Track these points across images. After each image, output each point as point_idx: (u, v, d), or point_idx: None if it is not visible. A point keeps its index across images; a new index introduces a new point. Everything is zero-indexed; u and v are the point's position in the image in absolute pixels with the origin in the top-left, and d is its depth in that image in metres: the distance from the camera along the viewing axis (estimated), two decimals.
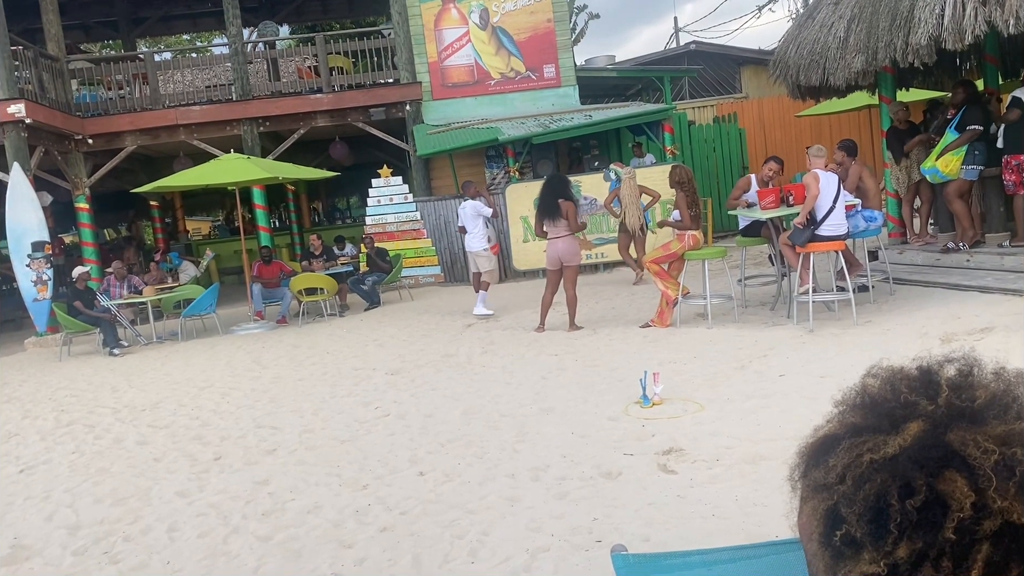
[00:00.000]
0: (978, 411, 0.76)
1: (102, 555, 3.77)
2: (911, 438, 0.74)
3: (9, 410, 7.46)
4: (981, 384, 0.80)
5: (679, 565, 1.21)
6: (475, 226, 9.74)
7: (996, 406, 0.76)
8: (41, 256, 11.75)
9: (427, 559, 3.33)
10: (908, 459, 0.72)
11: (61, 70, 13.82)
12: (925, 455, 0.72)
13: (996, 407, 0.76)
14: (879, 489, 0.72)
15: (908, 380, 0.82)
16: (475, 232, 9.75)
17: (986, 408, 0.76)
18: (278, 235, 18.59)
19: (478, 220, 9.75)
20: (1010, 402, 0.77)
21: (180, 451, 5.38)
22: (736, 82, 20.56)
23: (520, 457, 4.44)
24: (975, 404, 0.76)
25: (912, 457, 0.72)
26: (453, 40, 15.11)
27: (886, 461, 0.73)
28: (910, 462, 0.72)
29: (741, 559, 1.17)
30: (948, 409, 0.76)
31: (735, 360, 6.06)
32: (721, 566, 1.18)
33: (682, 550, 1.24)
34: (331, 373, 7.45)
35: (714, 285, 8.22)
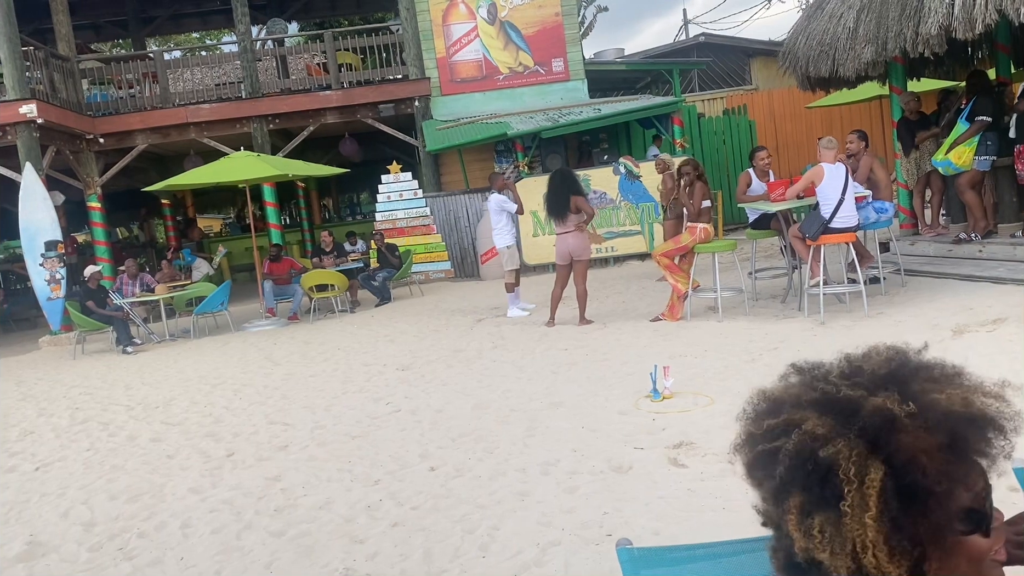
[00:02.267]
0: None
1: (117, 551, 3.81)
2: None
3: (25, 408, 7.53)
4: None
5: (684, 558, 1.22)
6: (498, 221, 9.26)
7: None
8: (54, 255, 11.83)
9: (438, 554, 3.35)
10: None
11: (72, 70, 13.90)
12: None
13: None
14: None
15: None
16: (499, 227, 9.28)
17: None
18: (289, 232, 18.67)
19: (502, 215, 9.26)
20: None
21: (193, 448, 5.42)
22: (746, 74, 20.47)
23: (530, 452, 4.45)
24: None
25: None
26: (461, 35, 15.11)
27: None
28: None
29: (746, 552, 1.18)
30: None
31: (746, 353, 6.04)
32: (726, 559, 1.18)
33: (687, 544, 1.24)
34: (342, 369, 7.48)
35: (725, 278, 8.20)
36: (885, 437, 0.87)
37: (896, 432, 0.87)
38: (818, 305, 6.83)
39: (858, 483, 0.85)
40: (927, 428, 0.87)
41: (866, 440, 0.87)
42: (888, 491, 0.85)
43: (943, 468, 0.86)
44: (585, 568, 3.04)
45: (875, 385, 0.93)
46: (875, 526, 0.84)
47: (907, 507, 0.85)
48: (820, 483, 0.87)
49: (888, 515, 0.84)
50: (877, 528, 0.84)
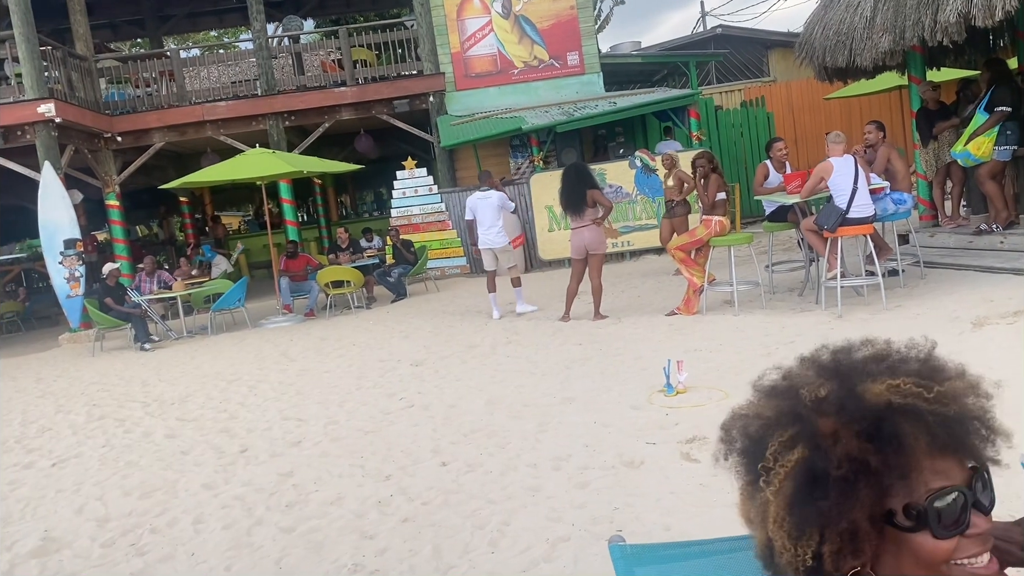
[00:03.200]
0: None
1: (129, 547, 3.82)
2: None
3: (43, 405, 7.60)
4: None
5: (677, 555, 1.19)
6: (497, 219, 9.12)
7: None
8: (73, 253, 11.94)
9: (447, 549, 3.33)
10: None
11: (90, 69, 14.00)
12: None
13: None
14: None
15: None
16: (498, 226, 9.12)
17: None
18: (306, 229, 18.74)
19: (500, 213, 9.15)
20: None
21: (207, 444, 5.44)
22: (764, 65, 20.29)
23: (542, 447, 4.43)
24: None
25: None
26: (476, 30, 15.07)
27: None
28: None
29: (740, 550, 1.14)
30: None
31: (762, 347, 5.98)
32: (719, 556, 1.15)
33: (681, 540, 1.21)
34: (357, 365, 7.49)
35: (741, 272, 8.14)
36: (810, 421, 0.91)
37: (817, 416, 0.92)
38: (836, 298, 6.75)
39: (774, 461, 0.91)
40: (843, 413, 0.91)
41: (798, 424, 0.92)
42: (798, 472, 0.89)
43: (854, 455, 0.88)
44: (595, 564, 3.02)
45: (818, 375, 0.98)
46: (775, 502, 0.89)
47: (808, 488, 0.88)
48: (754, 462, 0.94)
49: (789, 493, 0.89)
50: (777, 504, 0.89)
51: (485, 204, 9.15)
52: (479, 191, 9.33)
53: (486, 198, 9.17)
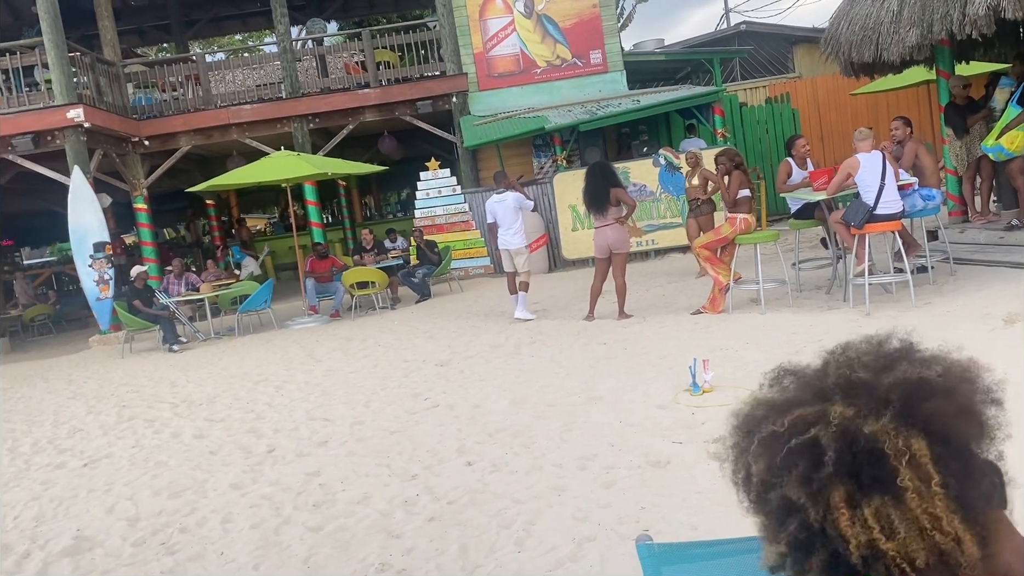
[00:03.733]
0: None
1: (159, 546, 3.87)
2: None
3: (74, 406, 7.70)
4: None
5: (705, 555, 1.18)
6: (515, 220, 9.00)
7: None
8: (103, 256, 12.09)
9: (473, 549, 3.34)
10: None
11: (117, 74, 14.18)
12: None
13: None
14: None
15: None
16: (515, 227, 9.00)
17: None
18: (331, 230, 18.85)
19: (519, 214, 9.05)
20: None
21: (235, 444, 5.49)
22: (789, 62, 20.12)
23: (567, 446, 4.42)
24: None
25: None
26: (498, 30, 15.08)
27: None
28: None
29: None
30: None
31: (790, 345, 5.93)
32: (747, 556, 1.14)
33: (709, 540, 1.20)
34: (382, 365, 7.52)
35: (767, 269, 8.07)
36: (917, 406, 0.83)
37: (928, 398, 0.83)
38: (864, 295, 6.68)
39: (908, 456, 0.80)
40: (953, 389, 0.84)
41: (899, 414, 0.83)
42: (943, 459, 0.80)
43: (974, 429, 0.83)
44: (621, 563, 3.00)
45: (886, 361, 0.89)
46: (943, 495, 0.79)
47: (963, 471, 0.81)
48: (868, 466, 0.81)
49: (951, 483, 0.80)
50: (945, 498, 0.79)
51: (502, 207, 9.07)
52: (496, 193, 9.29)
53: (502, 200, 9.09)
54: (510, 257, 9.08)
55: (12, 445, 6.41)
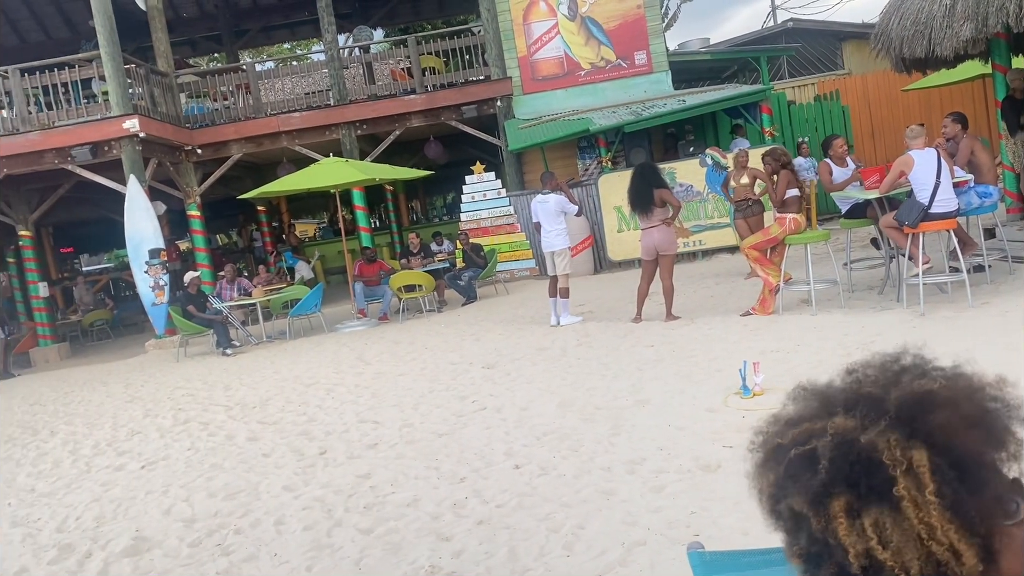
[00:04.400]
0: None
1: (215, 547, 3.95)
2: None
3: (132, 409, 7.91)
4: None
5: (759, 562, 1.16)
6: (558, 222, 8.93)
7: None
8: (158, 263, 12.38)
9: (523, 552, 3.35)
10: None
11: (170, 85, 14.51)
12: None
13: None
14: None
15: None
16: (558, 229, 8.92)
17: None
18: (378, 234, 19.03)
19: (561, 216, 8.96)
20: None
21: (287, 446, 5.58)
22: (838, 58, 19.78)
23: (616, 450, 4.40)
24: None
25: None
26: (542, 33, 15.09)
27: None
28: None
29: None
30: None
31: (841, 347, 5.83)
32: None
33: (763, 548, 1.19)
34: (430, 368, 7.58)
35: (818, 270, 7.95)
36: (920, 418, 0.84)
37: (931, 410, 0.84)
38: (918, 296, 6.54)
39: (906, 465, 0.81)
40: (959, 402, 0.84)
41: (901, 426, 0.84)
42: (941, 469, 0.81)
43: (984, 442, 0.82)
44: (671, 568, 2.99)
45: (893, 376, 0.90)
46: (937, 504, 0.80)
47: (962, 482, 0.80)
48: (865, 475, 0.83)
49: (947, 493, 0.80)
50: (940, 508, 0.80)
51: (543, 208, 9.03)
52: (540, 194, 9.24)
53: (544, 202, 9.04)
54: (552, 259, 9.00)
55: (74, 447, 6.60)
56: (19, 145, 12.49)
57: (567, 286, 8.87)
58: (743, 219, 9.65)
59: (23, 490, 5.57)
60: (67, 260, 22.91)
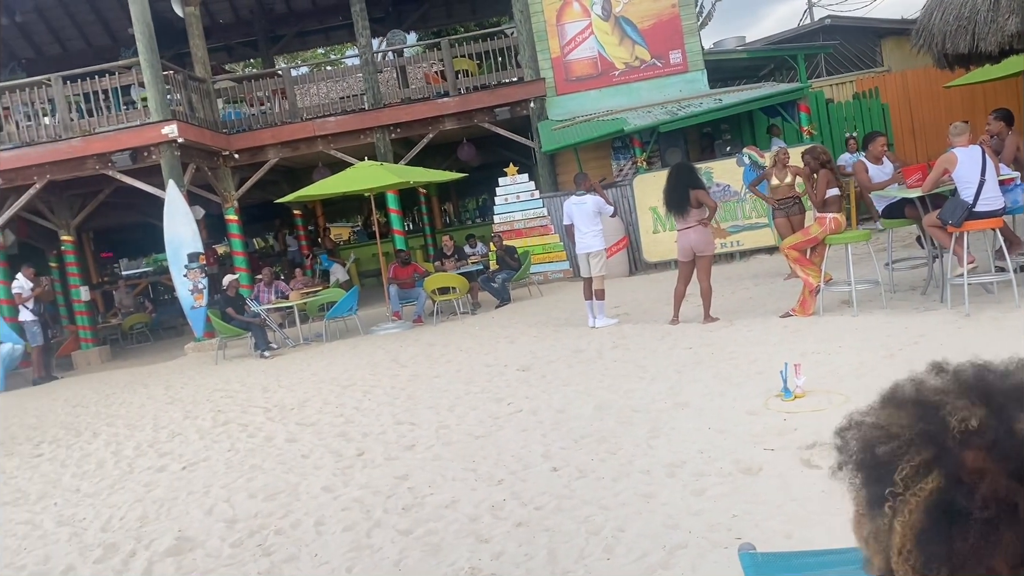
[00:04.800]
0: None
1: (256, 547, 3.98)
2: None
3: (172, 411, 8.01)
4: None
5: (812, 564, 1.13)
6: (594, 223, 8.82)
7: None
8: (197, 266, 12.55)
9: (563, 554, 3.32)
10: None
11: (208, 90, 14.72)
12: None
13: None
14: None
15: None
16: (594, 230, 8.82)
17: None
18: (412, 237, 19.13)
19: (597, 217, 8.85)
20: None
21: (326, 448, 5.61)
22: (877, 55, 19.47)
23: (655, 453, 4.36)
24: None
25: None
26: (576, 34, 15.07)
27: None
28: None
29: None
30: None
31: (884, 348, 5.72)
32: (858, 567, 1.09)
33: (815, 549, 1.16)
34: (465, 370, 7.58)
35: (859, 270, 7.82)
36: (953, 451, 0.81)
37: (962, 447, 0.81)
38: (962, 296, 6.40)
39: (904, 487, 0.81)
40: (996, 450, 0.80)
41: (936, 450, 0.81)
42: (932, 505, 0.79)
43: (1003, 497, 0.77)
44: (713, 572, 2.95)
45: (965, 398, 0.85)
46: (902, 532, 0.80)
47: (942, 525, 0.78)
48: (875, 480, 0.84)
49: (920, 527, 0.79)
50: (904, 535, 0.80)
51: (580, 209, 8.91)
52: (575, 195, 9.13)
53: (581, 203, 8.92)
54: (587, 261, 8.89)
55: (116, 449, 6.70)
56: (61, 151, 12.74)
57: (602, 287, 8.79)
58: (785, 218, 9.52)
59: (68, 490, 5.66)
60: (107, 264, 23.33)
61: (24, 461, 6.81)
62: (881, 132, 8.56)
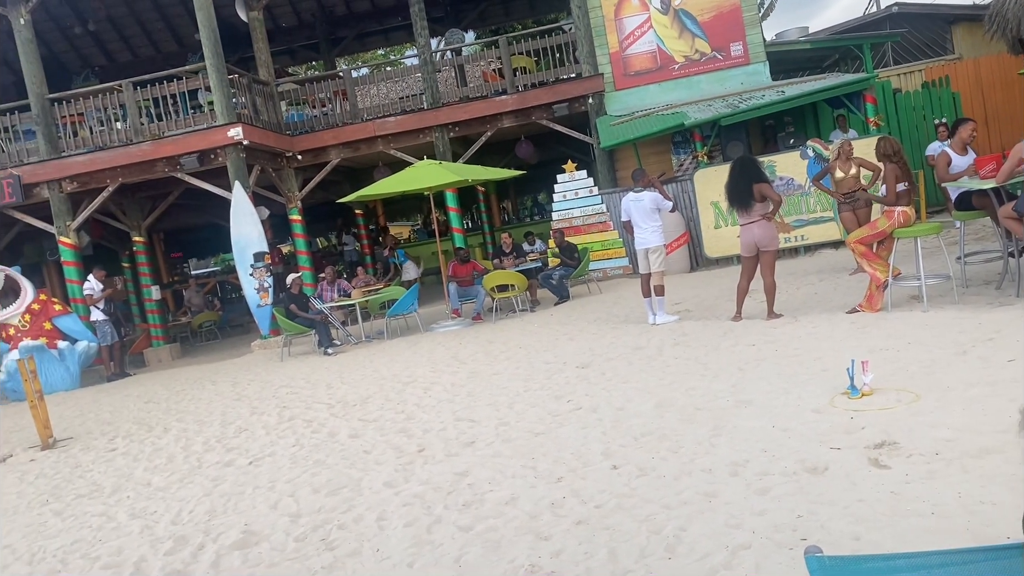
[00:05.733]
0: None
1: (320, 542, 4.05)
2: None
3: (239, 407, 8.20)
4: None
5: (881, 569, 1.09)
6: (653, 219, 8.76)
7: None
8: (262, 265, 12.84)
9: (623, 553, 3.30)
10: None
11: (271, 93, 15.02)
12: None
13: None
14: None
15: None
16: (653, 226, 8.75)
17: None
18: (470, 235, 19.24)
19: (656, 213, 8.78)
20: None
21: (387, 443, 5.68)
22: (947, 43, 18.85)
23: (717, 451, 4.30)
24: None
25: None
26: (634, 28, 14.94)
27: None
28: None
29: (954, 564, 1.04)
30: None
31: (955, 345, 5.53)
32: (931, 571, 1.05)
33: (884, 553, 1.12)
34: (524, 367, 7.58)
35: (929, 264, 7.58)
36: None
37: None
38: None
39: None
40: None
41: None
42: None
43: None
44: (778, 573, 2.89)
45: None
46: None
47: None
48: None
49: None
50: None
51: (637, 206, 8.84)
52: (632, 191, 9.05)
53: (639, 200, 8.84)
54: (646, 257, 8.83)
55: (186, 444, 6.90)
56: (132, 155, 13.16)
57: (662, 283, 8.71)
58: (850, 211, 9.28)
59: (140, 484, 5.85)
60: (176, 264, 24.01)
61: (99, 455, 7.06)
62: (971, 119, 8.21)
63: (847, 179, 9.23)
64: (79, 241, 13.77)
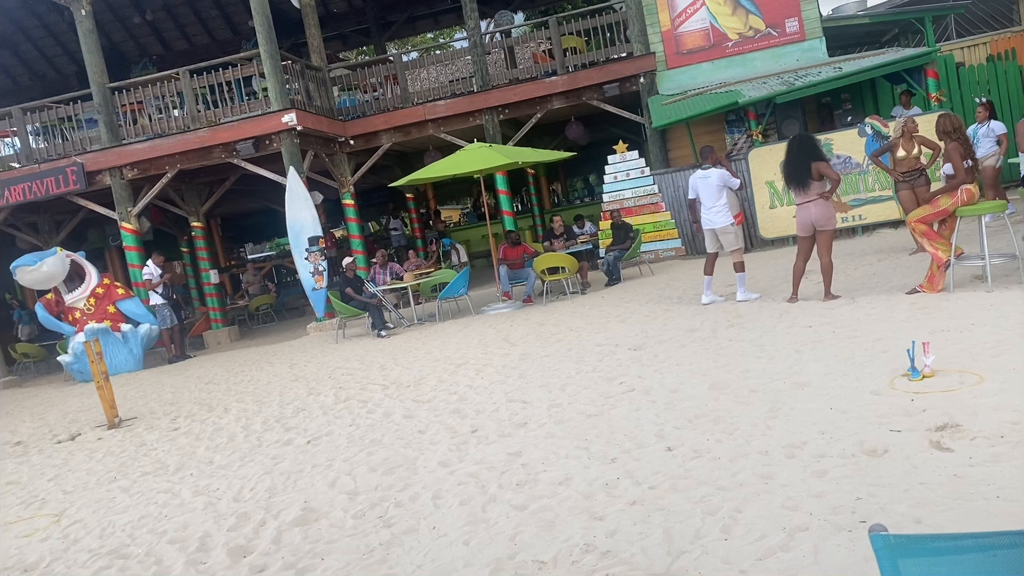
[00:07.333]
0: None
1: (377, 519, 4.12)
2: None
3: (297, 388, 8.37)
4: None
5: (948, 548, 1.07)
6: (719, 198, 8.67)
7: None
8: (317, 249, 13.03)
9: (678, 534, 3.29)
10: None
11: (324, 79, 15.18)
12: None
13: None
14: None
15: None
16: (719, 205, 8.67)
17: None
18: (521, 218, 19.24)
19: (723, 192, 8.69)
20: None
21: (441, 424, 5.74)
22: (1014, 14, 18.15)
23: (773, 433, 4.25)
24: None
25: None
26: (686, 5, 14.71)
27: None
28: None
29: (1023, 546, 1.02)
30: None
31: (1021, 327, 5.38)
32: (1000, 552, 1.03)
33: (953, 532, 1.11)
34: (575, 349, 7.58)
35: (993, 243, 7.36)
36: None
37: None
38: None
39: None
40: None
41: None
42: None
43: None
44: (836, 555, 2.86)
45: None
46: None
47: None
48: None
49: None
50: None
51: (705, 183, 8.76)
52: (700, 169, 8.94)
53: (706, 177, 8.76)
54: (714, 236, 8.78)
55: (246, 423, 7.07)
56: (190, 142, 13.44)
57: (741, 259, 8.61)
58: (909, 190, 9.05)
59: (203, 462, 6.01)
60: (233, 248, 24.49)
61: (163, 434, 7.28)
62: None
63: (909, 158, 8.99)
64: (140, 227, 14.13)
